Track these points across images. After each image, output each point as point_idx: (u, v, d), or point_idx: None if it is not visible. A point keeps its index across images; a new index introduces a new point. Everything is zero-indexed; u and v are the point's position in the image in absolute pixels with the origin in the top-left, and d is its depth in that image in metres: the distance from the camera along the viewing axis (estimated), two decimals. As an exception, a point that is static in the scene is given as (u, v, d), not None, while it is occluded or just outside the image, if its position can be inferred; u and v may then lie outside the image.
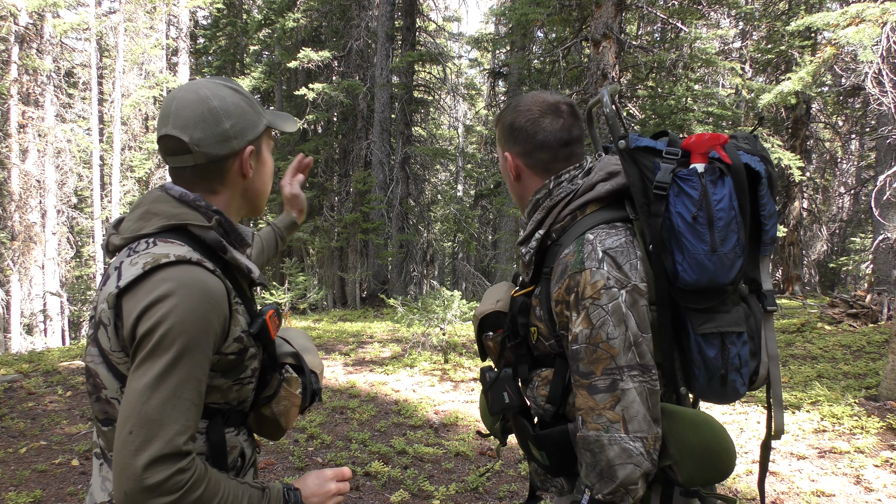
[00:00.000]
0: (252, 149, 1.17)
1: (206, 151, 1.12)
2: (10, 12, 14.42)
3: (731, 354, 1.22)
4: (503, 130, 1.38)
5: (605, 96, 1.30)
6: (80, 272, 21.54)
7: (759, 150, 1.26)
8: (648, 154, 1.23)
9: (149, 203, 1.13)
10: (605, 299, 1.15)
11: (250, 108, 1.17)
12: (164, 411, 0.96)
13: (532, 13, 10.05)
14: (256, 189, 1.23)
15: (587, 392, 1.15)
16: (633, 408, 1.12)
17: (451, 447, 4.44)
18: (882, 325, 8.08)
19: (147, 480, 0.92)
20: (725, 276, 1.18)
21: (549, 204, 1.32)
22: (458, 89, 17.09)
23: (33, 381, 5.98)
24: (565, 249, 1.24)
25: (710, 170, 1.19)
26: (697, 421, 1.18)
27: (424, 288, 16.36)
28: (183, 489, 0.95)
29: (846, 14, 6.49)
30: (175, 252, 1.03)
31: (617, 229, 1.22)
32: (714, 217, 1.16)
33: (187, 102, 1.12)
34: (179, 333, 0.97)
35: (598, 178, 1.28)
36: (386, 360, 7.54)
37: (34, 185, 15.50)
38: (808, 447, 4.28)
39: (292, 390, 1.23)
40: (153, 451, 0.93)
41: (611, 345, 1.13)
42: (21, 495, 3.50)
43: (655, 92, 11.42)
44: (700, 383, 1.24)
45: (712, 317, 1.21)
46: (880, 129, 10.47)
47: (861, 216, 20.06)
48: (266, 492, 1.11)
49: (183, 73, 18.87)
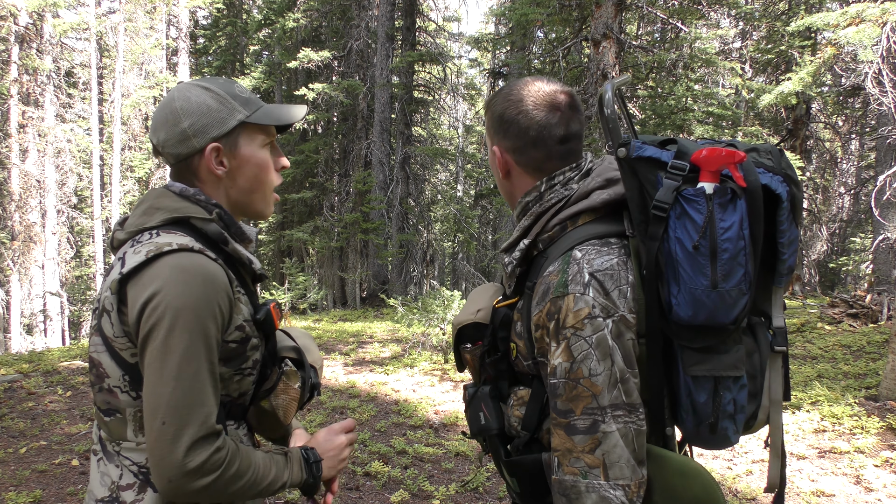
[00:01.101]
0: (216, 146, 1.15)
1: (170, 152, 1.16)
2: (10, 12, 14.42)
3: (725, 401, 1.07)
4: (492, 121, 1.22)
5: (608, 92, 1.14)
6: (80, 272, 21.54)
7: (783, 167, 1.09)
8: (652, 166, 1.07)
9: (152, 199, 1.15)
10: (589, 330, 1.02)
11: (220, 105, 1.15)
12: (191, 397, 0.99)
13: (532, 13, 10.05)
14: (241, 187, 1.20)
15: (565, 432, 1.03)
16: (616, 452, 0.99)
17: (451, 447, 4.44)
18: (882, 325, 8.09)
19: (189, 464, 0.97)
20: (726, 316, 1.03)
21: (538, 210, 1.17)
22: (458, 89, 17.10)
23: (33, 381, 5.98)
24: (550, 266, 1.10)
25: (720, 191, 1.02)
26: (686, 469, 1.05)
27: (424, 288, 16.36)
28: (223, 466, 1.01)
29: (846, 14, 6.49)
30: (178, 241, 1.05)
31: (610, 247, 1.09)
32: (718, 248, 1.00)
33: (160, 107, 1.18)
34: (189, 320, 1.00)
35: (594, 185, 1.14)
36: (386, 360, 7.54)
37: (34, 185, 15.50)
38: (808, 447, 4.28)
39: (291, 384, 1.24)
40: (190, 435, 0.98)
41: (593, 382, 1.00)
42: (21, 495, 3.50)
43: (655, 92, 11.43)
44: (687, 428, 1.12)
45: (706, 358, 1.06)
46: (880, 129, 10.47)
47: (861, 216, 20.07)
48: (288, 456, 1.17)
49: (183, 73, 18.87)
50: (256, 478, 1.08)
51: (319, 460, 1.22)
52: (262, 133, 1.21)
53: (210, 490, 1.01)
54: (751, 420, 1.15)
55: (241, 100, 1.18)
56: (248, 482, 1.06)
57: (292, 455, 1.18)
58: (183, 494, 1.00)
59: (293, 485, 1.17)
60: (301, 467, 1.18)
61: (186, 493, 0.99)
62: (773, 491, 1.20)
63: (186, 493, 0.99)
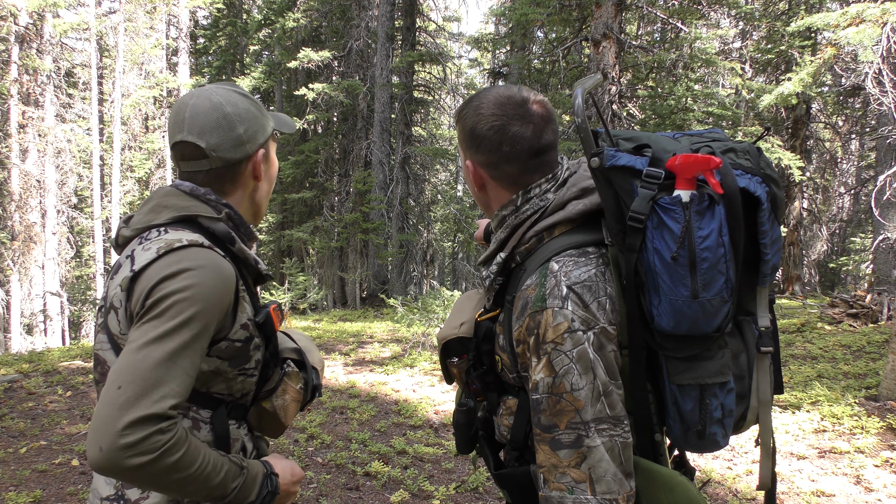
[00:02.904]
0: (264, 151, 1.23)
1: (222, 156, 1.17)
2: (10, 12, 14.42)
3: (712, 407, 1.06)
4: (464, 134, 1.17)
5: (578, 98, 1.08)
6: (80, 272, 21.53)
7: (761, 167, 1.08)
8: (626, 174, 1.04)
9: (159, 197, 1.16)
10: (569, 344, 0.99)
11: (259, 112, 1.23)
12: (159, 372, 0.95)
13: (532, 13, 10.05)
14: (264, 191, 1.28)
15: (549, 447, 1.01)
16: (602, 466, 0.97)
17: (451, 447, 4.44)
18: (882, 325, 8.09)
19: (126, 438, 0.91)
20: (708, 325, 1.02)
21: (514, 222, 1.15)
22: (458, 89, 17.07)
23: (33, 381, 5.98)
24: (527, 280, 1.08)
25: (697, 198, 0.99)
26: (673, 483, 1.03)
27: (424, 288, 16.37)
28: (160, 450, 0.93)
29: (846, 14, 6.49)
30: (187, 237, 1.07)
31: (588, 257, 1.06)
32: (697, 258, 0.98)
33: (201, 109, 1.16)
34: (189, 304, 1.00)
35: (570, 196, 1.12)
36: (386, 360, 7.54)
37: (34, 185, 15.49)
38: (808, 447, 4.28)
39: (293, 385, 1.25)
40: (139, 410, 0.92)
41: (576, 396, 0.98)
42: (21, 495, 3.50)
43: (655, 92, 11.43)
44: (675, 435, 1.11)
45: (691, 366, 1.05)
46: (880, 129, 10.47)
47: (861, 216, 20.07)
48: (245, 471, 1.09)
49: (183, 73, 18.87)
50: (203, 475, 1.00)
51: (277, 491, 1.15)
52: (274, 141, 1.30)
53: (144, 473, 0.93)
54: (740, 421, 1.14)
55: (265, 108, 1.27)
56: (191, 476, 0.98)
57: (249, 471, 1.10)
58: (112, 469, 0.92)
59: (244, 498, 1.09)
60: (258, 484, 1.11)
61: (117, 468, 0.92)
62: (765, 489, 1.20)
63: (117, 468, 0.92)
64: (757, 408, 1.13)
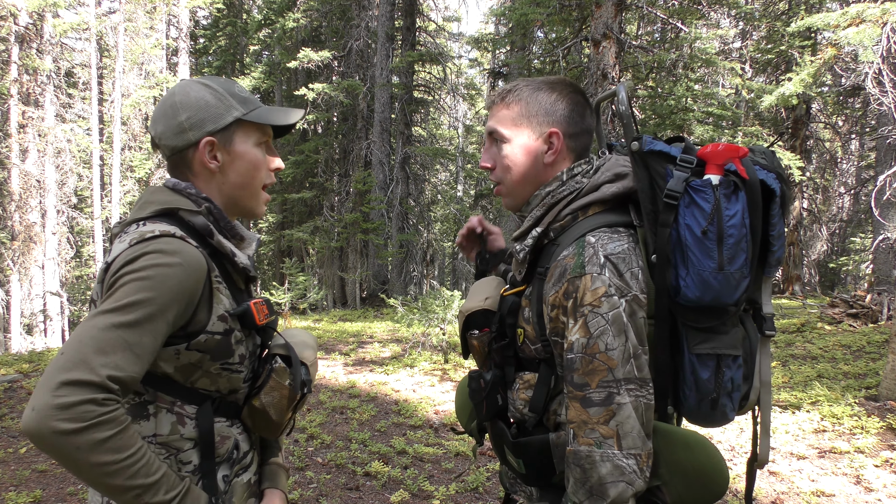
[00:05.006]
0: (210, 140, 1.19)
1: (166, 144, 1.20)
2: (10, 12, 14.42)
3: (725, 378, 1.16)
4: (539, 107, 1.26)
5: (622, 92, 1.22)
6: (80, 272, 21.54)
7: (776, 166, 1.20)
8: (662, 159, 1.16)
9: (148, 195, 1.20)
10: (606, 307, 1.08)
11: (217, 101, 1.20)
12: (100, 343, 0.95)
13: (532, 13, 10.05)
14: (233, 182, 1.24)
15: (580, 405, 1.09)
16: (629, 423, 1.06)
17: (451, 447, 4.44)
18: (882, 325, 8.09)
19: (57, 399, 0.90)
20: (730, 297, 1.12)
21: (551, 201, 1.25)
22: (458, 89, 17.09)
23: (33, 381, 5.98)
24: (564, 251, 1.17)
25: (724, 182, 1.12)
26: (691, 441, 1.13)
27: (424, 288, 16.37)
28: (90, 420, 0.91)
29: (846, 14, 6.49)
30: (160, 228, 1.09)
31: (619, 234, 1.16)
32: (725, 233, 1.10)
33: (161, 101, 1.23)
34: (143, 285, 1.01)
35: (604, 179, 1.22)
36: (386, 360, 7.54)
37: (34, 185, 15.49)
38: (808, 447, 4.28)
39: (281, 381, 1.24)
40: (74, 373, 0.92)
41: (609, 356, 1.07)
42: (21, 495, 3.50)
43: (655, 92, 11.42)
44: (689, 404, 1.19)
45: (710, 337, 1.15)
46: (880, 129, 10.47)
47: (861, 216, 20.07)
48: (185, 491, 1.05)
49: (183, 73, 18.87)
50: (133, 469, 0.96)
51: None
52: (258, 132, 1.26)
53: (69, 443, 0.90)
54: (743, 400, 1.24)
55: (239, 98, 1.23)
56: (119, 465, 0.94)
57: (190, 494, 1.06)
58: (40, 432, 0.89)
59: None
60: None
61: (45, 430, 0.89)
62: (763, 466, 1.30)
63: (45, 430, 0.89)
64: (759, 388, 1.25)
